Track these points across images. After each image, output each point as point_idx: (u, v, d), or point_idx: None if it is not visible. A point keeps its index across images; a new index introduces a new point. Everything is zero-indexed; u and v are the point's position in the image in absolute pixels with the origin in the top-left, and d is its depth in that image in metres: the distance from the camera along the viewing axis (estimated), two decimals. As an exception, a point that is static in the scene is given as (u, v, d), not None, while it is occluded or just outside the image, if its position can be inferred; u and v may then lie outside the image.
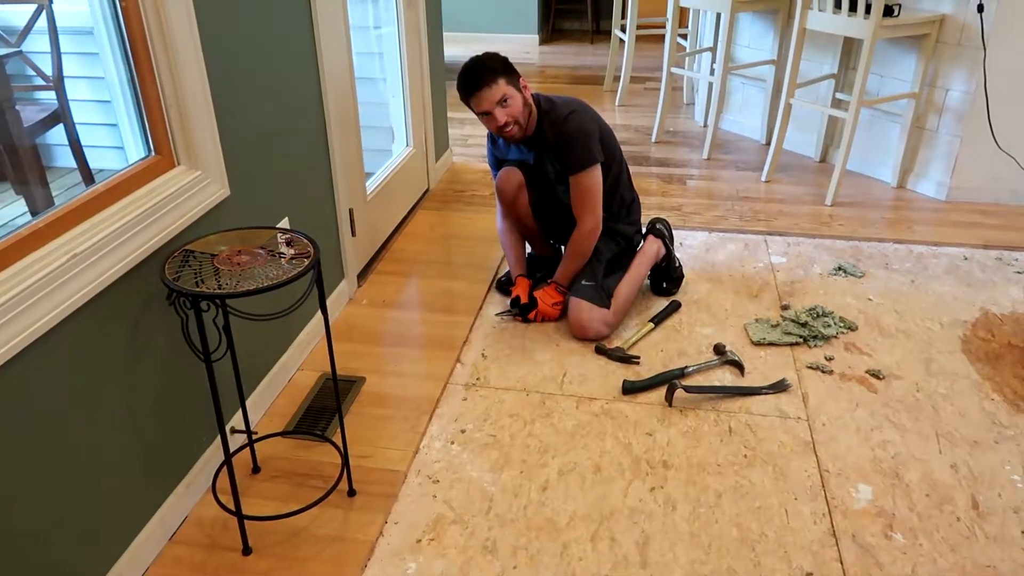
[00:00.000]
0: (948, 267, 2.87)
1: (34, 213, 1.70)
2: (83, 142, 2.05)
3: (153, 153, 1.66)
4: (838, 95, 3.69)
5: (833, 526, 1.75)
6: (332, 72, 2.40)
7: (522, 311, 2.52)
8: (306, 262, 1.50)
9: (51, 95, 2.16)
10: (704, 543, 1.71)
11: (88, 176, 2.09)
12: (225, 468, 1.76)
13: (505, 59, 2.36)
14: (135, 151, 1.69)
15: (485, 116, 2.34)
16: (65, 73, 2.08)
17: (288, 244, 1.58)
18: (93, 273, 1.42)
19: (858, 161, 3.70)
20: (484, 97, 2.29)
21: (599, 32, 6.97)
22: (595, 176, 2.40)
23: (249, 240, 1.59)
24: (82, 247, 1.40)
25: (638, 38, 4.85)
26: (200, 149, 1.72)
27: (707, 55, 4.39)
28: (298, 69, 2.21)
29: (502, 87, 2.29)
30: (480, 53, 2.36)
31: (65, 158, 2.09)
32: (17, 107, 2.06)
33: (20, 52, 2.17)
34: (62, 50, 2.07)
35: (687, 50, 4.74)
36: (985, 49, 3.12)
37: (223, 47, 1.80)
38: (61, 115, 2.13)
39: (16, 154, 2.00)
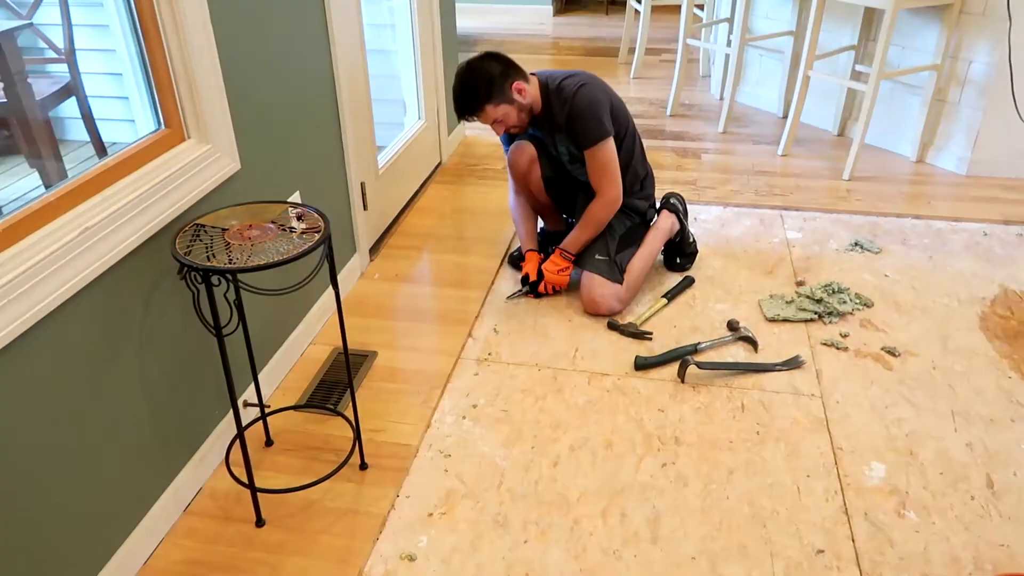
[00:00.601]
0: (967, 243, 2.82)
1: (48, 186, 1.70)
2: (96, 115, 2.05)
3: (163, 127, 1.65)
4: (857, 67, 3.62)
5: (846, 504, 1.75)
6: (343, 44, 2.37)
7: (532, 287, 2.51)
8: (316, 236, 1.49)
9: (63, 68, 2.15)
10: (715, 519, 1.71)
11: (101, 149, 2.09)
12: (238, 441, 1.77)
13: (491, 77, 2.26)
14: (145, 124, 1.68)
15: None
16: (77, 45, 2.07)
17: (299, 218, 1.57)
18: (104, 247, 1.42)
19: (877, 135, 3.64)
20: (476, 121, 2.35)
21: (614, 3, 6.87)
22: (610, 148, 2.37)
23: (260, 214, 1.59)
24: (93, 221, 1.39)
25: (654, 8, 4.78)
26: (210, 123, 1.71)
27: (724, 26, 4.32)
28: (309, 41, 2.18)
29: (489, 114, 2.30)
30: (468, 64, 2.28)
31: (78, 131, 2.08)
32: (29, 80, 2.06)
33: (31, 24, 2.16)
34: (73, 22, 2.06)
35: (703, 21, 4.66)
36: (1011, 19, 3.04)
37: (233, 19, 1.78)
38: (73, 88, 2.12)
39: (29, 127, 2.00)
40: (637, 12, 4.85)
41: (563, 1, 6.90)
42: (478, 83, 2.27)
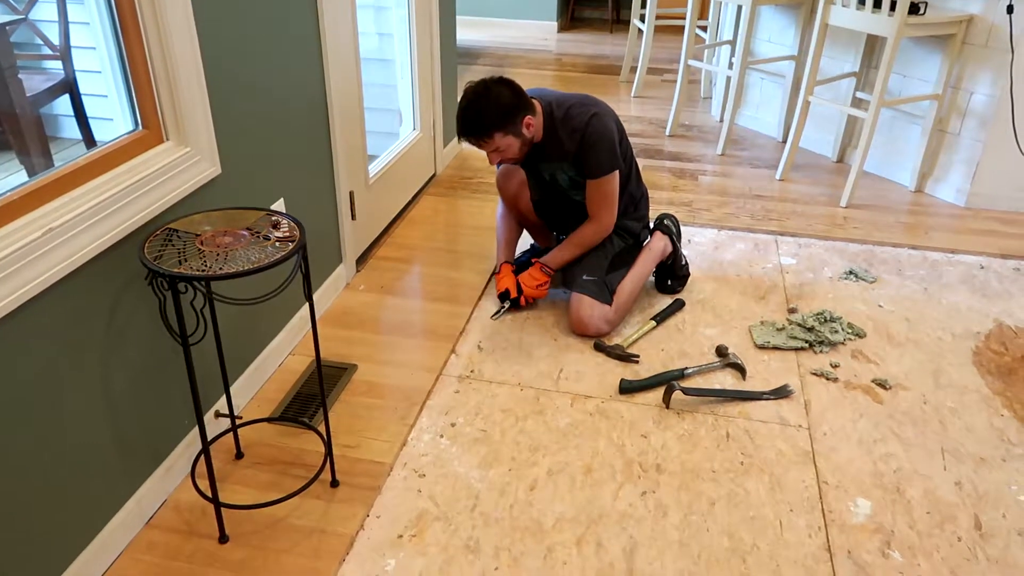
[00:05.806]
0: (963, 276, 2.78)
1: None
2: (90, 113, 2.01)
3: (140, 127, 1.61)
4: (858, 94, 3.60)
5: (829, 541, 1.69)
6: (336, 50, 2.34)
7: (513, 303, 2.47)
8: (291, 246, 1.45)
9: (58, 64, 2.12)
10: (694, 552, 1.66)
11: (93, 146, 2.05)
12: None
13: (507, 106, 2.17)
14: (123, 123, 1.63)
15: None
16: (73, 43, 2.03)
17: (275, 226, 1.52)
18: (69, 249, 1.37)
19: (876, 162, 3.61)
20: (477, 145, 2.25)
21: (619, 21, 6.86)
22: (616, 180, 2.34)
23: (235, 221, 1.54)
24: (58, 222, 1.35)
25: (657, 29, 4.77)
26: (190, 125, 1.67)
27: (726, 48, 4.29)
28: (300, 45, 2.14)
29: (495, 142, 2.21)
30: (485, 86, 2.17)
31: (72, 129, 2.05)
32: (22, 76, 2.02)
33: (26, 19, 2.13)
34: (70, 19, 2.02)
35: (706, 42, 4.65)
36: (1013, 52, 3.02)
37: (218, 18, 1.74)
38: (67, 85, 2.08)
39: (18, 123, 1.96)
40: (640, 31, 4.84)
41: (567, 18, 6.90)
42: (493, 109, 2.16)
